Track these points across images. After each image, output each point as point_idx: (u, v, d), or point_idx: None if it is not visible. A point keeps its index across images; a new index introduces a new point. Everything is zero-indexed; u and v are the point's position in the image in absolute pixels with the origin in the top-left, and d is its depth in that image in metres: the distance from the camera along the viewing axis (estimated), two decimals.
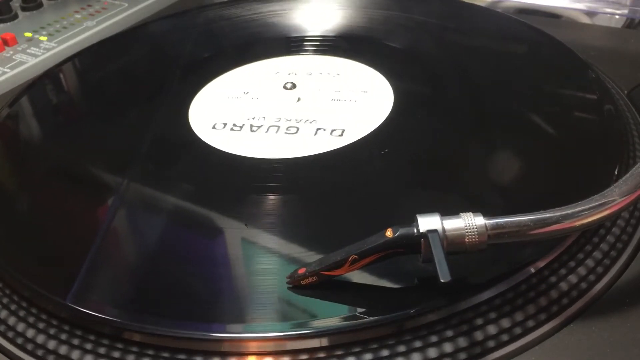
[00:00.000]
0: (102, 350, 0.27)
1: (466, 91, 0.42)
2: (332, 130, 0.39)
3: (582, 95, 0.40)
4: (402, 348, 0.26)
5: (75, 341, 0.28)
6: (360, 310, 0.27)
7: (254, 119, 0.41)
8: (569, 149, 0.36)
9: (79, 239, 0.33)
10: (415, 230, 0.26)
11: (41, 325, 0.29)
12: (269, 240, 0.31)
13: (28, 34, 0.57)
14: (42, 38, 0.57)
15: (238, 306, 0.28)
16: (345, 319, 0.27)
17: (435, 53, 0.47)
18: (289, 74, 0.46)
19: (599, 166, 0.34)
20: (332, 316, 0.27)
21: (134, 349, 0.27)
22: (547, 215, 0.26)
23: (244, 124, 0.41)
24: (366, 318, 0.26)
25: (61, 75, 0.50)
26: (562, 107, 0.40)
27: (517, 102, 0.41)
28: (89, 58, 0.52)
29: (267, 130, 0.40)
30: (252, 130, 0.40)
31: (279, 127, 0.40)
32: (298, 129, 0.40)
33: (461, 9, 0.54)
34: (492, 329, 0.26)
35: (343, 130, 0.39)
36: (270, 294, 0.28)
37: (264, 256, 0.31)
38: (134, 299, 0.29)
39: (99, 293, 0.30)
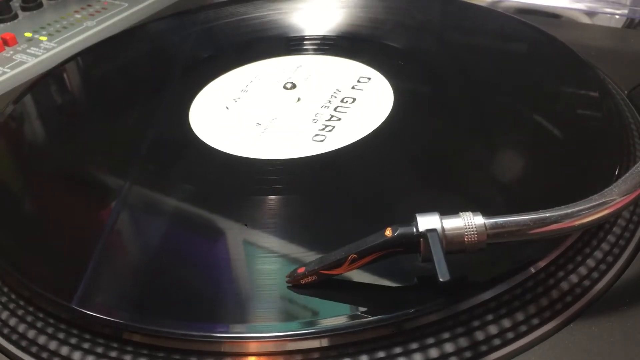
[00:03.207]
0: (103, 351, 0.27)
1: (466, 91, 0.42)
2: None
3: (582, 95, 0.40)
4: (402, 348, 0.26)
5: (77, 342, 0.28)
6: (360, 310, 0.27)
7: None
8: (569, 149, 0.36)
9: (81, 239, 0.33)
10: (414, 230, 0.26)
11: (42, 326, 0.29)
12: (269, 240, 0.31)
13: (28, 34, 0.57)
14: (42, 38, 0.57)
15: (238, 306, 0.28)
16: (345, 318, 0.26)
17: (436, 53, 0.47)
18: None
19: (599, 166, 0.34)
20: (331, 316, 0.27)
21: (135, 349, 0.27)
22: (547, 215, 0.26)
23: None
24: (366, 318, 0.26)
25: (63, 75, 0.50)
26: (562, 107, 0.40)
27: (517, 101, 0.41)
28: (90, 58, 0.52)
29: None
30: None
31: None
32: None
33: (461, 9, 0.54)
34: (492, 329, 0.26)
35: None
36: (270, 294, 0.28)
37: (264, 256, 0.31)
38: (135, 300, 0.29)
39: (100, 294, 0.30)
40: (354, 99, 0.42)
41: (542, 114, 0.39)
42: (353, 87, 0.44)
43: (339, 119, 0.40)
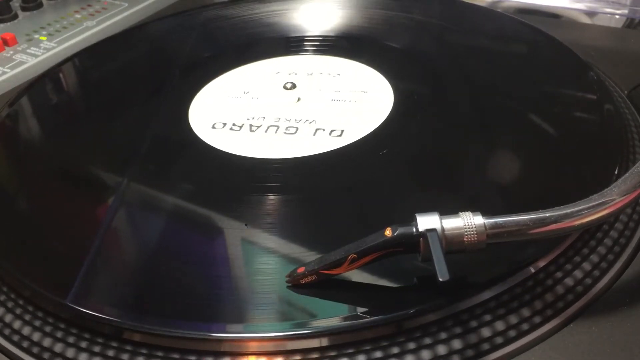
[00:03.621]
0: (101, 350, 0.27)
1: (466, 91, 0.42)
2: (332, 131, 0.39)
3: (582, 95, 0.40)
4: (401, 348, 0.26)
5: (76, 341, 0.28)
6: (359, 309, 0.27)
7: (253, 119, 0.41)
8: (569, 149, 0.36)
9: (79, 238, 0.33)
10: (414, 230, 0.26)
11: (41, 325, 0.29)
12: (269, 240, 0.31)
13: (28, 34, 0.57)
14: (42, 38, 0.57)
15: (238, 306, 0.28)
16: (345, 318, 0.26)
17: (436, 53, 0.47)
18: (289, 74, 0.46)
19: (599, 166, 0.34)
20: (331, 316, 0.27)
21: (134, 348, 0.27)
22: (546, 215, 0.26)
23: (243, 124, 0.41)
24: (366, 318, 0.26)
25: (61, 75, 0.50)
26: (562, 107, 0.40)
27: (517, 102, 0.41)
28: (89, 58, 0.52)
29: (267, 130, 0.40)
30: (251, 130, 0.40)
31: (278, 127, 0.40)
32: (298, 129, 0.40)
33: (461, 9, 0.54)
34: (492, 329, 0.26)
35: (343, 131, 0.39)
36: (270, 293, 0.28)
37: (263, 256, 0.31)
38: (134, 299, 0.29)
39: (98, 293, 0.30)
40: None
41: (542, 114, 0.39)
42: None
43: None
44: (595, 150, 0.35)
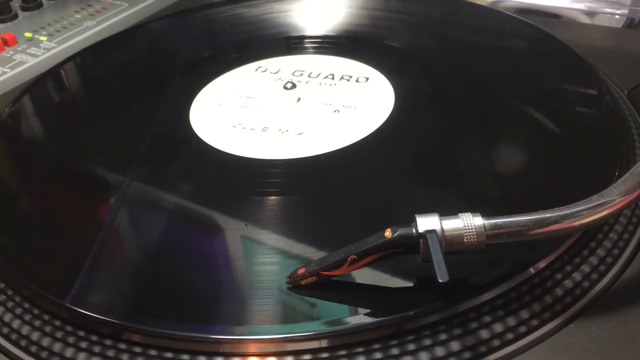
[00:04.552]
0: (101, 350, 0.27)
1: (467, 91, 0.42)
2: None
3: (582, 95, 0.40)
4: (401, 349, 0.26)
5: (75, 341, 0.28)
6: (359, 311, 0.27)
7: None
8: (569, 149, 0.36)
9: (79, 238, 0.33)
10: (414, 231, 0.26)
11: (41, 325, 0.29)
12: (269, 240, 0.31)
13: (28, 34, 0.57)
14: (42, 38, 0.57)
15: (238, 307, 0.28)
16: (345, 320, 0.26)
17: (436, 52, 0.47)
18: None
19: (599, 166, 0.34)
20: (331, 317, 0.27)
21: (134, 349, 0.27)
22: (546, 216, 0.26)
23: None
24: (366, 319, 0.26)
25: (62, 75, 0.50)
26: (562, 107, 0.40)
27: (517, 102, 0.41)
28: (89, 57, 0.52)
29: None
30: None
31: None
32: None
33: (462, 8, 0.54)
34: (492, 330, 0.26)
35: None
36: (269, 294, 0.28)
37: (263, 256, 0.31)
38: (134, 299, 0.30)
39: (98, 293, 0.30)
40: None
41: (542, 114, 0.39)
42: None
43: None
44: (595, 151, 0.35)
